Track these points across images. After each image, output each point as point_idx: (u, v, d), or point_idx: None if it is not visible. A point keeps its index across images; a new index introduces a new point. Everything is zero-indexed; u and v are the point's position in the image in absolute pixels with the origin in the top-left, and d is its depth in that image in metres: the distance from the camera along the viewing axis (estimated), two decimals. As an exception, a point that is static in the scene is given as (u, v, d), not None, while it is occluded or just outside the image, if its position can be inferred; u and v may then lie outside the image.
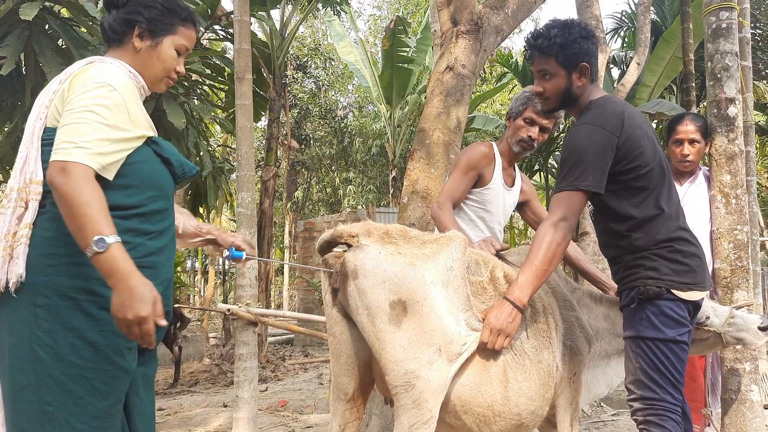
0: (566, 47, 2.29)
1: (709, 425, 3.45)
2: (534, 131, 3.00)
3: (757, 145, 14.37)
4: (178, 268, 11.39)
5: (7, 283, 1.66)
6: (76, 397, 1.67)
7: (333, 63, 19.33)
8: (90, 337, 1.69)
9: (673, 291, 2.22)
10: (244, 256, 2.19)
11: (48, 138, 1.73)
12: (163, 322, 1.65)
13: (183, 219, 2.21)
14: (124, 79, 1.80)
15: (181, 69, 1.99)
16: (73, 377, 1.67)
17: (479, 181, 3.07)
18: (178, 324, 7.98)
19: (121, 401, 1.79)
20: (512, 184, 3.20)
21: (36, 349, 1.65)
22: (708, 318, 2.62)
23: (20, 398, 1.67)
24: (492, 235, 3.11)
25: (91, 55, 4.84)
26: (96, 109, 1.69)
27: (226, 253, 2.22)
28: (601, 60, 5.59)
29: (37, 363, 1.65)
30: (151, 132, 1.86)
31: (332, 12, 11.99)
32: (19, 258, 1.66)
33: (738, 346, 2.97)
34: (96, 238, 1.57)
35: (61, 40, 5.25)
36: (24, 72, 5.32)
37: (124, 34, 1.89)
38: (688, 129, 3.42)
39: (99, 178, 1.68)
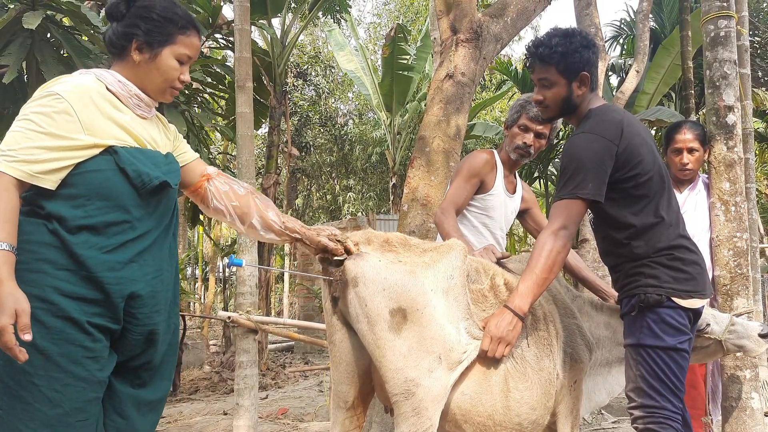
0: (567, 56, 2.30)
1: (709, 433, 3.45)
2: (529, 138, 3.03)
3: (757, 152, 14.39)
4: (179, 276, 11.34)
5: None
6: (25, 403, 1.67)
7: (333, 71, 19.39)
8: (40, 344, 1.67)
9: (673, 299, 2.22)
10: (244, 264, 2.19)
11: None
12: (27, 337, 1.60)
13: (264, 214, 2.14)
14: (80, 87, 1.79)
15: (186, 78, 1.98)
16: (22, 383, 1.67)
17: (481, 188, 3.08)
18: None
19: (85, 412, 1.75)
20: (513, 191, 3.22)
21: None
22: (708, 325, 2.62)
23: None
24: (494, 241, 3.13)
25: (93, 63, 4.88)
26: (32, 117, 1.72)
27: (225, 260, 2.22)
28: (601, 68, 5.60)
29: None
30: (116, 141, 1.82)
31: (332, 20, 12.03)
32: None
33: (738, 354, 2.97)
34: None
35: (63, 48, 5.27)
36: (26, 80, 5.33)
37: (123, 47, 1.90)
38: (687, 138, 3.43)
39: (39, 188, 1.71)
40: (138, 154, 1.87)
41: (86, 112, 1.77)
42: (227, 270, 18.40)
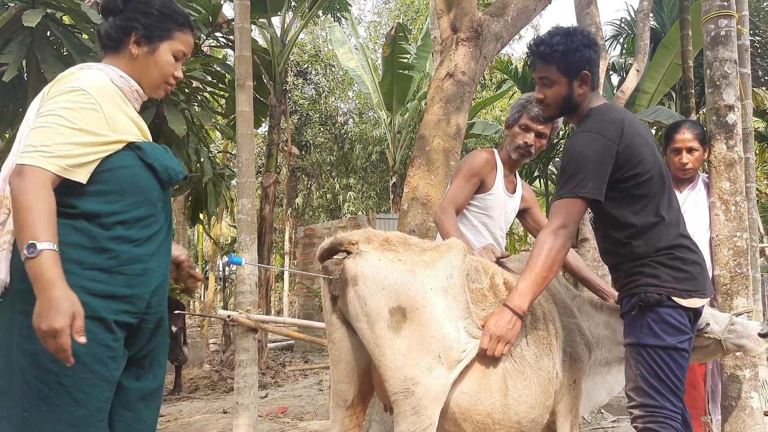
0: (568, 55, 2.30)
1: (709, 432, 3.45)
2: (530, 137, 3.02)
3: (757, 152, 14.39)
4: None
5: None
6: (51, 405, 1.66)
7: (333, 69, 19.39)
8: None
9: (673, 298, 2.22)
10: (244, 262, 2.19)
11: None
12: (82, 339, 1.59)
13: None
14: (101, 83, 1.80)
15: (179, 74, 1.99)
16: (50, 384, 1.66)
17: (481, 187, 3.08)
18: (179, 326, 7.91)
19: (103, 411, 1.77)
20: (514, 191, 3.22)
21: (16, 354, 1.65)
22: (708, 325, 2.62)
23: (1, 404, 1.67)
24: (494, 240, 3.13)
25: (93, 61, 4.87)
26: (62, 113, 1.70)
27: (225, 259, 2.24)
28: (601, 67, 5.60)
29: (16, 369, 1.66)
30: (134, 137, 1.85)
31: (333, 19, 12.04)
32: (1, 263, 1.66)
33: (738, 353, 2.97)
34: (29, 242, 1.57)
35: (63, 47, 5.27)
36: (26, 78, 5.33)
37: (120, 41, 1.90)
38: (686, 137, 3.43)
39: (74, 185, 1.70)
40: (156, 149, 1.91)
41: (108, 108, 1.79)
42: (227, 269, 18.42)
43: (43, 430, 1.66)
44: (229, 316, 4.45)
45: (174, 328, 7.45)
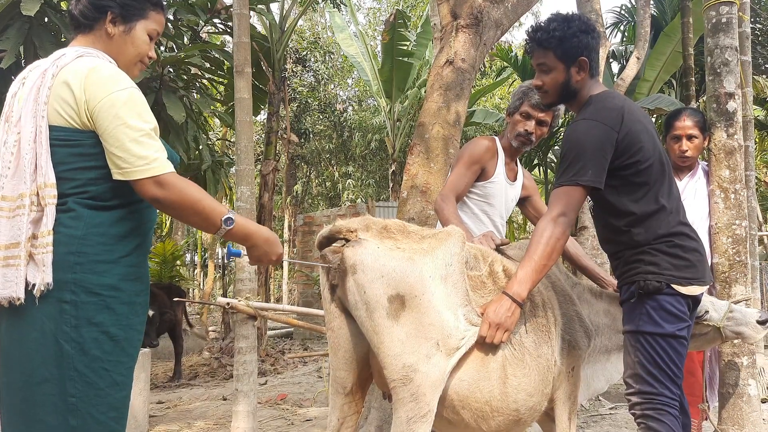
0: (565, 41, 2.28)
1: (706, 419, 3.47)
2: (530, 125, 3.01)
3: (756, 140, 14.36)
4: (178, 262, 11.39)
5: (32, 287, 1.68)
6: (97, 389, 1.74)
7: (332, 56, 19.29)
8: (111, 331, 1.76)
9: (673, 286, 2.22)
10: (243, 254, 2.20)
11: (59, 138, 1.72)
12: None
13: None
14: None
15: (153, 54, 2.01)
16: (96, 370, 1.73)
17: (482, 175, 3.07)
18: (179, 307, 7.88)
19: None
20: (514, 179, 3.21)
21: (62, 343, 1.70)
22: (707, 312, 2.63)
23: (40, 391, 1.71)
24: (494, 228, 3.12)
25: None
26: (143, 118, 1.75)
27: (224, 250, 2.27)
28: (601, 54, 5.58)
29: (61, 357, 1.70)
30: None
31: (332, 5, 11.95)
32: (46, 266, 1.68)
33: (736, 341, 2.98)
34: (224, 218, 1.82)
35: (61, 33, 5.24)
36: (24, 65, 5.31)
37: (95, 20, 1.88)
38: (686, 125, 3.42)
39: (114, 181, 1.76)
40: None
41: None
42: (226, 257, 18.41)
43: (89, 413, 1.73)
44: (228, 304, 4.46)
45: (151, 312, 7.28)
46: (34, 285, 1.67)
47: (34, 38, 4.97)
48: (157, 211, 1.94)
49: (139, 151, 1.71)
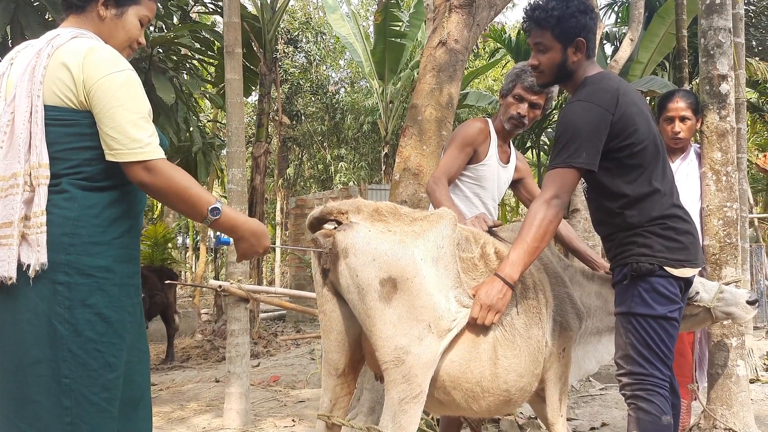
0: (563, 21, 2.26)
1: (695, 399, 3.50)
2: (523, 108, 2.99)
3: (748, 123, 14.40)
4: (169, 245, 11.36)
5: (26, 268, 1.67)
6: (90, 370, 1.74)
7: (324, 37, 19.11)
8: (105, 313, 1.76)
9: (665, 268, 2.23)
10: (233, 242, 2.20)
11: (54, 117, 1.72)
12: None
13: None
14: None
15: (143, 40, 2.01)
16: (89, 351, 1.74)
17: (474, 157, 3.06)
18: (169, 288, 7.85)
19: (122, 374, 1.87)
20: (507, 161, 3.20)
21: (55, 324, 1.70)
22: (698, 293, 2.64)
23: (33, 372, 1.71)
24: (486, 211, 3.11)
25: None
26: (140, 101, 1.76)
27: (213, 239, 2.26)
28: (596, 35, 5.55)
29: (55, 338, 1.70)
30: None
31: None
32: (40, 246, 1.67)
33: (726, 322, 3.00)
34: (210, 208, 1.80)
35: (47, 12, 5.16)
36: (10, 45, 5.23)
37: (87, 1, 1.86)
38: (679, 106, 3.40)
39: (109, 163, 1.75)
40: None
41: None
42: (215, 245, 18.39)
43: (82, 394, 1.73)
44: (220, 287, 4.46)
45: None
46: (28, 266, 1.67)
47: (21, 18, 4.89)
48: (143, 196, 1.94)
49: (134, 133, 1.71)
